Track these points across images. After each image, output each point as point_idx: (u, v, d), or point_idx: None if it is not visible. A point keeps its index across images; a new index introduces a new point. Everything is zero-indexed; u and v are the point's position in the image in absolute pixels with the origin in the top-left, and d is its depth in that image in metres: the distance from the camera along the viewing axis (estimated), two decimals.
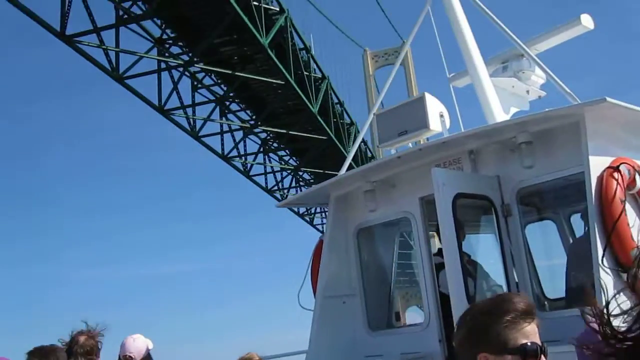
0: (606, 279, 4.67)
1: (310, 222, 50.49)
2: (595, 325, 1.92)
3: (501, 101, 7.56)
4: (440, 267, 6.07)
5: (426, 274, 6.26)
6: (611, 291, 1.99)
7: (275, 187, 39.11)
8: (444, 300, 5.96)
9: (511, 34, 7.41)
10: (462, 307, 4.98)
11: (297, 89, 30.33)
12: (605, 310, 1.91)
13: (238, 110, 33.45)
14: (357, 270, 6.89)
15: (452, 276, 5.33)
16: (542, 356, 2.08)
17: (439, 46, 8.37)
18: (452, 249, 5.40)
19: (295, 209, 47.26)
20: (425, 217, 6.35)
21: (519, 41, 7.43)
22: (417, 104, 6.57)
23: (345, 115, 39.50)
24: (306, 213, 49.35)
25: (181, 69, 27.18)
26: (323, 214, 51.33)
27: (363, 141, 44.10)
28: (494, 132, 5.95)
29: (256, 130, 33.95)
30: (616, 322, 1.86)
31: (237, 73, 27.23)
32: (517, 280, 5.69)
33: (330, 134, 34.16)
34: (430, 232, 6.46)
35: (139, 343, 5.62)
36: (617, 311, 1.90)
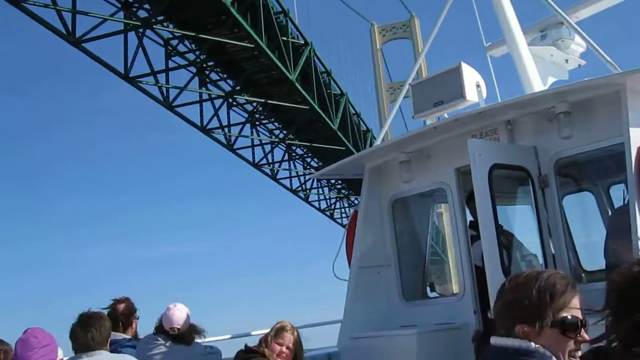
0: None
1: (331, 216, 52.18)
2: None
3: (539, 70, 7.42)
4: (473, 239, 6.05)
5: (462, 244, 6.24)
6: None
7: (265, 162, 39.83)
8: (478, 272, 5.95)
9: (550, 1, 7.26)
10: (497, 278, 4.96)
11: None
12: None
13: (218, 80, 33.42)
14: (392, 241, 6.90)
15: (488, 248, 5.30)
16: (582, 329, 2.07)
17: (476, 15, 8.24)
18: (488, 220, 5.37)
19: (317, 205, 50.53)
20: (460, 188, 6.31)
21: (558, 8, 7.28)
22: (454, 74, 6.49)
23: (334, 85, 39.54)
24: (327, 208, 52.27)
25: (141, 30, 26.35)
26: (343, 210, 52.63)
27: (357, 114, 44.19)
28: (532, 102, 5.86)
29: (238, 99, 34.01)
30: None
31: (202, 35, 27.16)
32: (553, 252, 5.64)
33: (314, 104, 34.23)
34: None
35: (183, 313, 5.62)
36: None
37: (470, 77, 6.48)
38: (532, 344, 2.04)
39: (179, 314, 5.54)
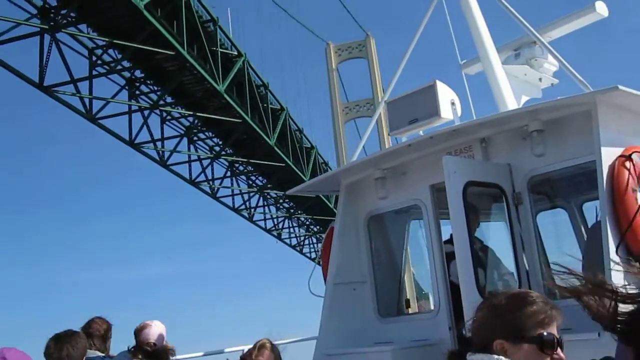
0: (617, 269, 4.66)
1: (300, 252, 54.56)
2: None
3: (513, 89, 7.51)
4: (450, 256, 6.08)
5: (437, 261, 6.26)
6: (622, 281, 2.00)
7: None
8: (454, 290, 5.97)
9: (524, 21, 7.36)
10: (472, 295, 4.99)
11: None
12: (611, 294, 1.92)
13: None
14: (368, 257, 6.91)
15: (463, 265, 5.33)
16: (559, 348, 2.09)
17: (451, 32, 8.32)
18: (463, 237, 5.40)
19: (288, 242, 52.40)
20: (436, 205, 6.35)
21: (531, 28, 7.38)
22: (429, 92, 6.55)
23: (273, 99, 39.49)
24: (297, 244, 54.13)
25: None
26: (312, 245, 53.52)
27: (299, 129, 45.33)
28: (505, 120, 5.92)
29: (173, 112, 33.99)
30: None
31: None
32: (527, 268, 5.69)
33: (246, 117, 34.23)
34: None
35: (159, 329, 5.56)
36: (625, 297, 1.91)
37: (445, 95, 6.54)
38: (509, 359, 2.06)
39: (156, 329, 5.50)
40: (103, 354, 5.56)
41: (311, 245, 56.05)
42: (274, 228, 50.06)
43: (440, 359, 2.36)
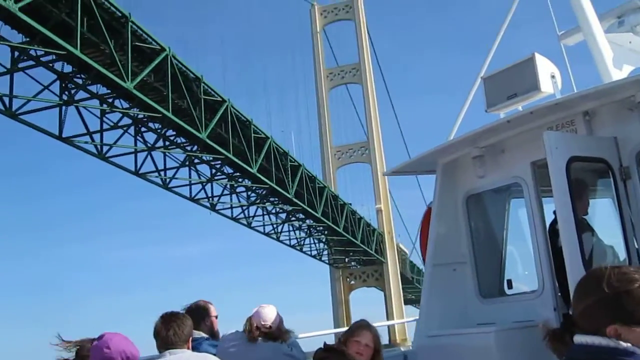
0: None
1: (300, 250, 63.97)
2: None
3: (617, 58, 7.17)
4: (554, 233, 5.90)
5: (539, 240, 6.09)
6: None
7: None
8: (558, 268, 5.79)
9: None
10: (577, 274, 4.81)
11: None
12: None
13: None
14: (467, 237, 6.80)
15: (568, 243, 5.15)
16: None
17: (548, 2, 8.03)
18: (567, 214, 5.21)
19: (288, 242, 59.30)
20: (537, 182, 6.16)
21: None
22: (527, 65, 6.35)
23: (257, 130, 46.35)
24: (297, 245, 61.76)
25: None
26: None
27: (285, 152, 50.80)
28: (611, 91, 5.66)
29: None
30: None
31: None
32: (637, 246, 5.44)
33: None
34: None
35: (274, 312, 5.66)
36: None
37: (545, 68, 6.32)
38: (622, 342, 1.97)
39: (271, 312, 5.60)
40: (207, 335, 5.75)
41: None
42: (272, 231, 57.31)
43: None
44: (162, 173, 39.76)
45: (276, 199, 51.55)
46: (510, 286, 6.94)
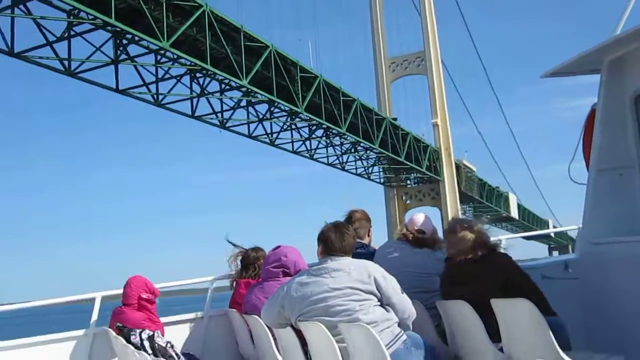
0: None
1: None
2: None
3: None
4: None
5: None
6: None
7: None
8: None
9: None
10: None
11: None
12: None
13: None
14: (636, 139, 6.34)
15: None
16: None
17: None
18: None
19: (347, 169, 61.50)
20: None
21: None
22: None
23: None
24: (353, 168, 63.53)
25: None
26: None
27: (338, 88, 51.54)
28: None
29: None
30: None
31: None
32: None
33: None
34: None
35: (428, 219, 5.75)
36: None
37: None
38: None
39: (424, 219, 5.69)
40: (364, 242, 6.05)
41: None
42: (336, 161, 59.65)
43: None
44: (218, 115, 42.75)
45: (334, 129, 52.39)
46: None
